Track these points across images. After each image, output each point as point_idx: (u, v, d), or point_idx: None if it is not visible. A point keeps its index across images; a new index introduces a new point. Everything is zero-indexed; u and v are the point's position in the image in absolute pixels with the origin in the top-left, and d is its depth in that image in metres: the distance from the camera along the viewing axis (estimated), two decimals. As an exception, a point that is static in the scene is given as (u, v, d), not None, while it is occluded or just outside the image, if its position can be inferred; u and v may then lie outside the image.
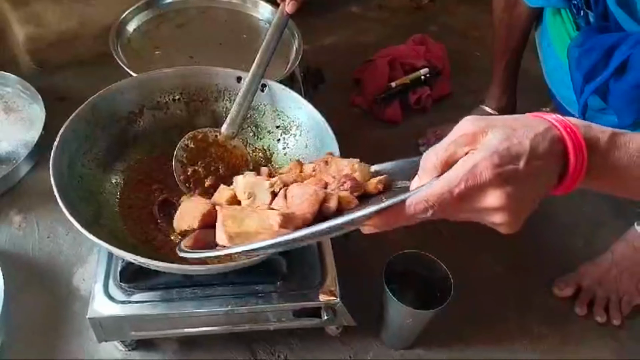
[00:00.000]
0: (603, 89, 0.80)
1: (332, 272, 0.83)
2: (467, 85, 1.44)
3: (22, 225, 1.04)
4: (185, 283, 0.80)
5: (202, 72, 0.93)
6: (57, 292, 0.94)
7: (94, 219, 0.77)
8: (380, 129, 1.33)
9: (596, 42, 0.80)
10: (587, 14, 0.84)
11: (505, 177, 0.45)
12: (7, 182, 1.08)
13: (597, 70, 0.79)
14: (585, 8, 0.84)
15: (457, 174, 0.46)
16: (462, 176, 0.45)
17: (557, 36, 0.96)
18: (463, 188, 0.45)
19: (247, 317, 0.82)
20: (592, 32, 0.82)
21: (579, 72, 0.83)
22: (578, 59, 0.83)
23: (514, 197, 0.45)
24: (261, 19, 1.24)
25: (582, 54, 0.82)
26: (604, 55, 0.78)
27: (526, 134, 0.46)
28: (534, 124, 0.47)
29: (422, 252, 0.90)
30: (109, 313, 0.76)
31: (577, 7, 0.86)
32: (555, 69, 1.00)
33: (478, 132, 0.47)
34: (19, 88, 1.25)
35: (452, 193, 0.45)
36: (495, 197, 0.45)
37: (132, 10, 1.17)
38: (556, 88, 1.05)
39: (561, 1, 0.90)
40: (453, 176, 0.46)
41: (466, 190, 0.45)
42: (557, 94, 1.05)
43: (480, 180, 0.45)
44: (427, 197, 0.46)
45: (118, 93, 0.87)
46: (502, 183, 0.45)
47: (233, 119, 0.87)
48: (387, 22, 1.68)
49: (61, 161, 0.76)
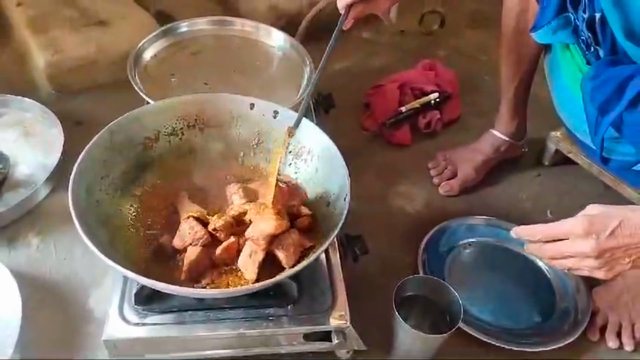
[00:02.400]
0: (617, 120, 0.80)
1: (342, 296, 0.84)
2: (476, 108, 1.46)
3: (39, 247, 1.06)
4: (198, 306, 0.81)
5: (216, 99, 0.95)
6: (72, 313, 0.96)
7: (110, 243, 0.79)
8: (390, 152, 1.35)
9: (609, 75, 0.80)
10: (597, 50, 0.85)
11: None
12: (26, 205, 1.10)
13: (611, 102, 0.80)
14: (594, 44, 0.85)
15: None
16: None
17: (568, 70, 0.96)
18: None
19: (258, 341, 0.83)
20: (604, 65, 0.82)
21: (592, 105, 0.83)
22: (591, 92, 0.83)
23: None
24: (274, 46, 1.27)
25: (595, 87, 0.82)
26: (617, 87, 0.78)
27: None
28: None
29: (431, 276, 0.91)
30: (123, 335, 0.78)
31: (586, 43, 0.86)
32: (567, 101, 1.00)
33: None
34: (39, 113, 1.28)
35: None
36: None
37: (149, 38, 1.21)
38: (569, 119, 1.05)
39: (569, 37, 0.90)
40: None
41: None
42: (570, 125, 1.06)
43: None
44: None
45: (135, 120, 0.90)
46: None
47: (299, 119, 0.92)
48: (396, 46, 1.71)
49: (80, 186, 0.78)
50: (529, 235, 0.74)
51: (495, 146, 1.25)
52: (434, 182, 1.26)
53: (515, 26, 1.08)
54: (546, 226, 0.71)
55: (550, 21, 0.88)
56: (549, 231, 0.71)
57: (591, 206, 0.70)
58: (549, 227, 0.71)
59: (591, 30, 0.83)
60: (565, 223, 0.69)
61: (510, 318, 1.01)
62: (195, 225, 0.82)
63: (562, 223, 0.69)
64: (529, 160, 1.33)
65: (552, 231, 0.71)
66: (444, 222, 1.13)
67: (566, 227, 0.69)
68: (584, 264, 0.68)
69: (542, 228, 0.72)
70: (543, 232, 0.71)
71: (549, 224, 0.71)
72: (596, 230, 0.66)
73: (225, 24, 1.30)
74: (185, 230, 0.82)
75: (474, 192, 1.25)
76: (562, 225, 0.69)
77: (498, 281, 1.07)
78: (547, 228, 0.71)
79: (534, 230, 0.73)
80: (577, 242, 0.67)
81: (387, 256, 1.08)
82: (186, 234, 0.82)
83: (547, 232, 0.71)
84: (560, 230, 0.70)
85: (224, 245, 0.81)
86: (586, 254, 0.67)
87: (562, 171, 1.30)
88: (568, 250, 0.69)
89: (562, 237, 0.69)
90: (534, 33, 0.93)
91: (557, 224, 0.70)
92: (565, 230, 0.69)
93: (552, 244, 0.71)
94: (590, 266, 0.68)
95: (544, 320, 1.01)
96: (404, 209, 1.21)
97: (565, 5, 0.86)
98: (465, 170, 1.24)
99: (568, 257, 0.69)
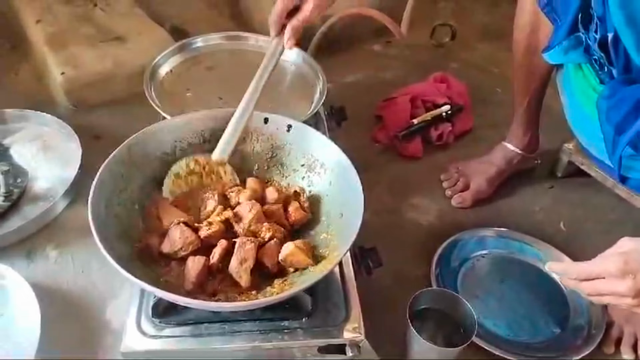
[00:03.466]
0: (634, 138, 0.80)
1: (356, 309, 0.84)
2: (488, 120, 1.47)
3: (57, 260, 1.08)
4: (214, 319, 0.82)
5: (231, 114, 0.97)
6: (90, 325, 0.98)
7: (127, 256, 0.81)
8: (402, 164, 1.36)
9: (625, 94, 0.80)
10: (611, 70, 0.85)
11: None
12: (45, 218, 1.12)
13: (628, 121, 0.80)
14: (607, 64, 0.85)
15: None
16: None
17: (580, 89, 0.96)
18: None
19: (273, 353, 0.83)
20: (619, 84, 0.82)
21: (609, 124, 0.83)
22: (607, 112, 0.83)
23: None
24: (286, 60, 1.28)
25: (611, 107, 0.82)
26: (633, 106, 0.78)
27: None
28: None
29: (445, 289, 0.91)
30: (141, 347, 0.79)
31: (599, 63, 0.86)
32: (581, 120, 1.00)
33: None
34: (57, 127, 1.31)
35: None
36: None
37: (165, 54, 1.23)
38: (583, 137, 1.05)
39: (581, 57, 0.90)
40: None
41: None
42: (584, 142, 1.06)
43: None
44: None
45: (152, 135, 0.91)
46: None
47: (224, 146, 0.91)
48: (408, 59, 1.72)
49: (99, 200, 0.80)
50: (564, 272, 0.76)
51: (508, 159, 1.26)
52: (446, 194, 1.27)
53: (527, 46, 1.09)
54: (581, 267, 0.73)
55: (561, 41, 0.89)
56: (584, 271, 0.72)
57: (623, 240, 0.71)
58: (584, 268, 0.72)
59: (604, 50, 0.83)
60: (600, 263, 0.70)
61: (524, 331, 1.00)
62: (186, 231, 0.82)
63: (596, 263, 0.71)
64: (542, 172, 1.33)
65: (587, 271, 0.72)
66: (457, 234, 1.14)
67: (601, 268, 0.70)
68: (622, 302, 0.70)
69: (577, 268, 0.73)
70: (578, 272, 0.73)
71: (584, 263, 0.72)
72: (632, 270, 0.67)
73: (240, 39, 1.32)
74: (176, 235, 0.82)
75: (487, 204, 1.25)
76: (597, 265, 0.71)
77: (511, 294, 1.06)
78: (582, 269, 0.72)
79: (569, 269, 0.75)
80: (613, 282, 0.69)
81: (400, 269, 1.09)
82: (176, 239, 0.82)
83: (582, 272, 0.72)
84: (595, 270, 0.71)
85: (219, 252, 0.81)
86: (623, 294, 0.68)
87: (575, 183, 1.30)
88: (605, 289, 0.70)
89: (598, 276, 0.71)
90: (545, 54, 0.94)
91: (591, 264, 0.71)
92: (600, 270, 0.70)
93: (589, 283, 0.72)
94: (629, 304, 0.69)
95: (558, 333, 1.00)
96: (416, 221, 1.22)
97: (576, 25, 0.87)
98: (478, 183, 1.24)
99: (606, 295, 0.71)
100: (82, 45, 1.47)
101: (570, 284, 0.75)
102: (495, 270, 1.11)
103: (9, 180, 1.15)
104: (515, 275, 1.10)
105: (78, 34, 1.50)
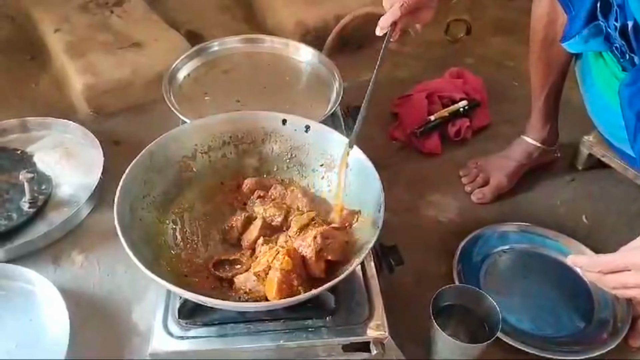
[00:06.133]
0: None
1: (379, 307, 0.85)
2: (506, 115, 1.45)
3: (83, 264, 1.10)
4: (239, 319, 0.83)
5: (249, 117, 0.98)
6: (117, 328, 0.99)
7: (153, 259, 0.82)
8: (420, 161, 1.36)
9: None
10: (632, 57, 0.84)
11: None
12: (70, 224, 1.14)
13: None
14: (629, 52, 0.84)
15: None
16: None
17: (601, 78, 0.95)
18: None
19: (298, 352, 0.84)
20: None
21: (631, 111, 0.83)
22: (629, 99, 0.83)
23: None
24: (303, 61, 1.29)
25: (633, 94, 0.82)
26: None
27: None
28: None
29: (468, 286, 0.91)
30: (169, 349, 0.80)
31: (621, 50, 0.86)
32: (603, 109, 1.00)
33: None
34: (79, 134, 1.33)
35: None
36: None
37: (182, 59, 1.25)
38: (605, 127, 1.04)
39: (602, 45, 0.89)
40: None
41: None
42: (605, 133, 1.05)
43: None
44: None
45: (173, 140, 0.93)
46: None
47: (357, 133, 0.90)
48: (423, 56, 1.71)
49: (123, 205, 0.82)
50: (587, 266, 0.75)
51: (527, 152, 1.25)
52: (466, 190, 1.26)
53: (545, 36, 1.08)
54: (604, 259, 0.72)
55: (581, 30, 0.88)
56: (607, 264, 0.71)
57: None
58: (608, 261, 0.71)
59: (624, 37, 0.82)
60: (624, 256, 0.70)
61: (549, 326, 1.00)
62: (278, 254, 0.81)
63: (620, 256, 0.70)
64: (562, 165, 1.32)
65: (611, 264, 0.71)
66: (478, 230, 1.13)
67: (626, 260, 0.69)
68: None
69: (601, 260, 0.72)
70: (602, 265, 0.72)
71: (607, 256, 0.72)
72: None
73: (255, 41, 1.33)
74: (265, 248, 0.84)
75: (507, 199, 1.25)
76: (621, 258, 0.70)
77: (535, 289, 1.06)
78: (606, 261, 0.71)
79: (593, 263, 0.74)
80: (639, 275, 0.68)
81: (422, 266, 1.09)
82: (262, 251, 0.84)
83: (605, 265, 0.71)
84: (619, 263, 0.70)
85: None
86: None
87: (596, 175, 1.28)
88: (630, 282, 0.69)
89: (623, 269, 0.70)
90: (565, 43, 0.93)
91: (615, 256, 0.71)
92: (624, 263, 0.69)
93: (614, 276, 0.71)
94: None
95: (583, 328, 1.00)
96: (436, 218, 1.21)
97: (595, 13, 0.86)
98: (498, 178, 1.24)
99: (632, 288, 0.70)
100: (100, 52, 1.49)
101: (593, 277, 0.74)
102: (517, 265, 1.11)
103: (34, 187, 1.17)
104: (538, 270, 1.09)
105: (96, 42, 1.53)
